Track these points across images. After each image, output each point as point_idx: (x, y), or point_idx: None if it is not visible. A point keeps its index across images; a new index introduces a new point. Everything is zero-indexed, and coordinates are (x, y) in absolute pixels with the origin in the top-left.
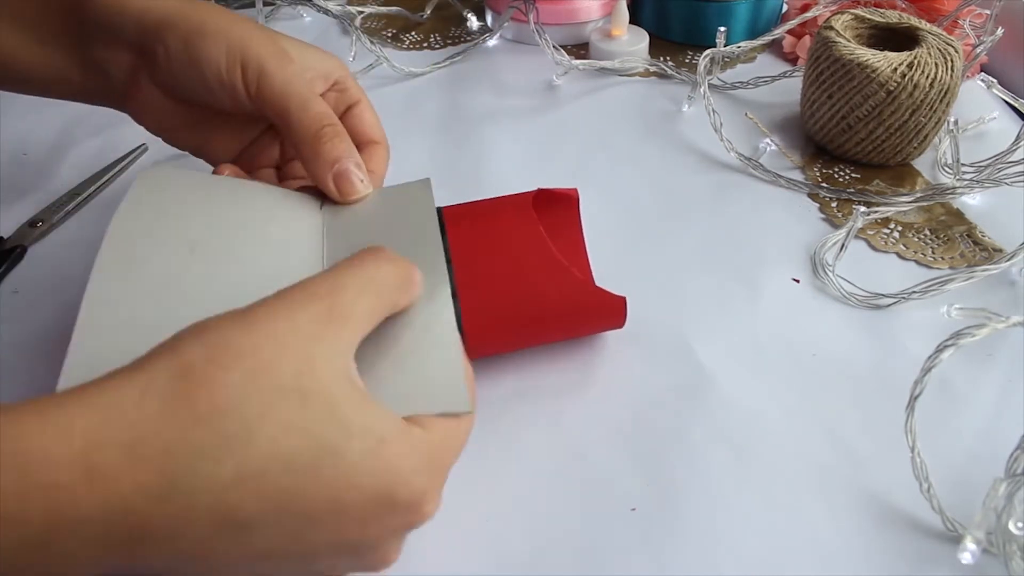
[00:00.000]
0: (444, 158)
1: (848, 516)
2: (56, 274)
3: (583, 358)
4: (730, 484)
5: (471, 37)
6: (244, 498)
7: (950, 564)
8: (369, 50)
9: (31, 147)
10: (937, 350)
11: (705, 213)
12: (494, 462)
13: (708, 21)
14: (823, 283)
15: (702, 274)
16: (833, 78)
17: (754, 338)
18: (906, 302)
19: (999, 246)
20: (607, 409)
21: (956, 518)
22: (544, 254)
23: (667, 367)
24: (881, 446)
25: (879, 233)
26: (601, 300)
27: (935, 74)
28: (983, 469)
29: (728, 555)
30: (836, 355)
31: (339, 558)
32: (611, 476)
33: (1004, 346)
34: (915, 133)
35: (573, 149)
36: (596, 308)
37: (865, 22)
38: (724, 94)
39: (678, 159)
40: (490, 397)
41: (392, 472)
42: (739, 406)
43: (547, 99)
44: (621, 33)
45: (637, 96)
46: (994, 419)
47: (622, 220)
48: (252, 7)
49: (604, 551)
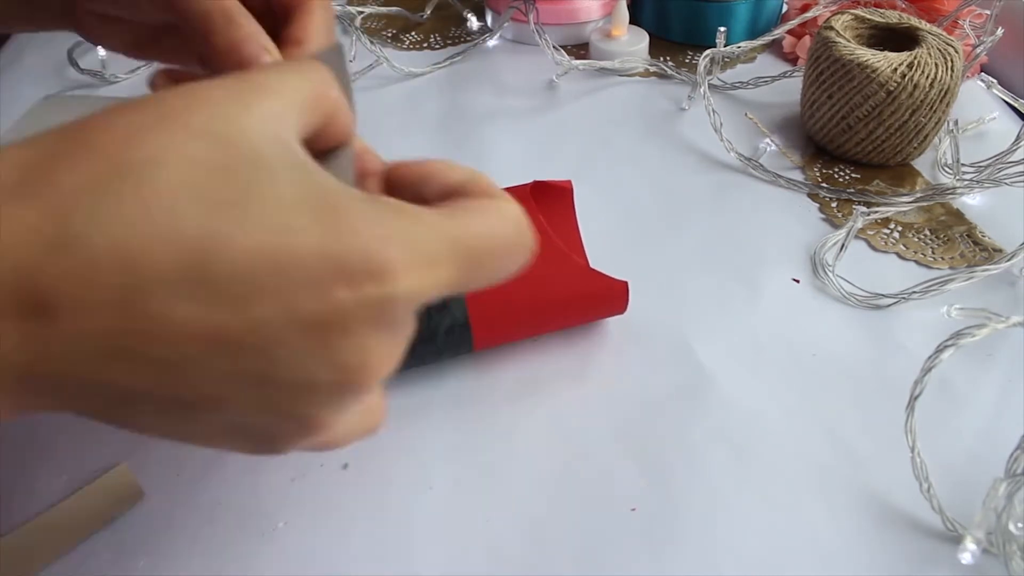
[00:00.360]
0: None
1: (848, 516)
2: None
3: (583, 358)
4: (730, 484)
5: (471, 37)
6: (152, 246)
7: (950, 564)
8: (369, 50)
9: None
10: (937, 350)
11: (705, 213)
12: (494, 462)
13: (708, 21)
14: (823, 283)
15: (702, 274)
16: (833, 78)
17: (754, 338)
18: (906, 302)
19: (999, 246)
20: (607, 409)
21: (956, 518)
22: (545, 243)
23: (667, 367)
24: (881, 446)
25: (879, 233)
26: (603, 285)
27: (935, 74)
28: (983, 469)
29: (728, 555)
30: (836, 355)
31: (262, 393)
32: (611, 476)
33: (1004, 346)
34: (915, 133)
35: (573, 149)
36: (598, 293)
37: (865, 22)
38: (724, 94)
39: (678, 159)
40: (490, 397)
41: (343, 222)
42: (739, 406)
43: (547, 99)
44: (621, 33)
45: (637, 96)
46: (994, 419)
47: (622, 220)
48: None
49: (604, 551)
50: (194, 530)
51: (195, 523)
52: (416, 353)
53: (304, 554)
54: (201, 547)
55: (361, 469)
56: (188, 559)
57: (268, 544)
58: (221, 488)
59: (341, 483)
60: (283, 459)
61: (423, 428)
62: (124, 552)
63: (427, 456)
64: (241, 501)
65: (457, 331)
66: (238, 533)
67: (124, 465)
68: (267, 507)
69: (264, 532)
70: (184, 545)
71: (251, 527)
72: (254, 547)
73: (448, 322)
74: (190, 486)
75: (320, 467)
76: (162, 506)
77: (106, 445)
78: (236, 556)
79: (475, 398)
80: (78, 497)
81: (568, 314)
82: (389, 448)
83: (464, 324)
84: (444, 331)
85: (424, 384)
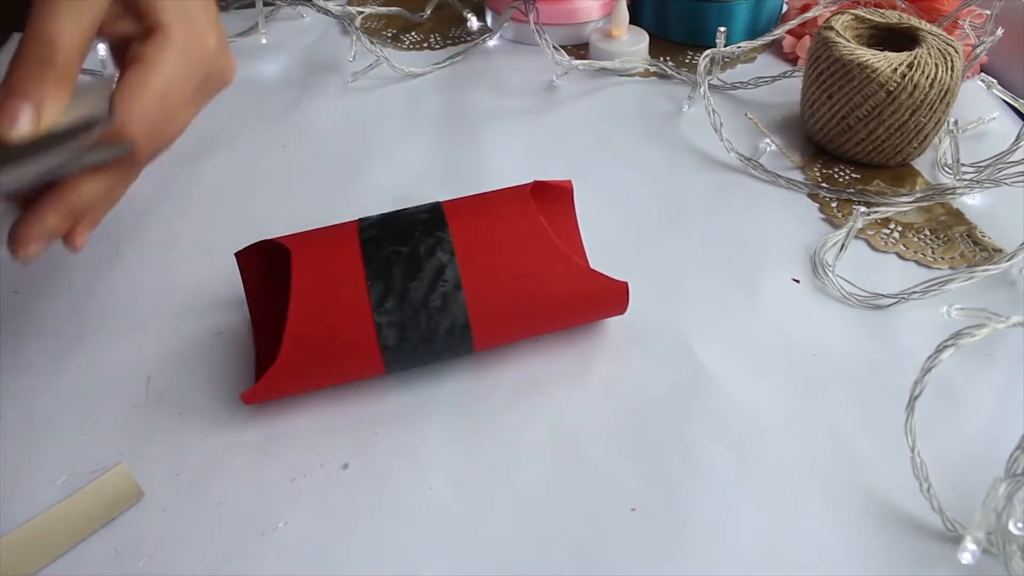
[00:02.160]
0: (444, 158)
1: (848, 516)
2: (56, 274)
3: (583, 358)
4: (730, 484)
5: (471, 37)
6: None
7: (950, 564)
8: (369, 50)
9: None
10: (937, 350)
11: (705, 213)
12: (494, 462)
13: (708, 21)
14: (823, 283)
15: (702, 274)
16: (833, 78)
17: (754, 338)
18: (906, 302)
19: (999, 246)
20: (607, 409)
21: (956, 518)
22: (545, 243)
23: (667, 367)
24: (881, 446)
25: (879, 233)
26: (604, 285)
27: (935, 74)
28: (983, 469)
29: (728, 555)
30: (836, 355)
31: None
32: (611, 476)
33: (1004, 346)
34: (915, 133)
35: (573, 149)
36: (598, 294)
37: (865, 22)
38: (724, 94)
39: (678, 159)
40: (490, 397)
41: None
42: (739, 406)
43: (547, 99)
44: (621, 33)
45: (637, 96)
46: (994, 419)
47: (622, 220)
48: (252, 7)
49: (604, 551)
50: (194, 530)
51: (195, 523)
52: (417, 353)
53: (304, 554)
54: (201, 547)
55: (361, 469)
56: (188, 559)
57: (268, 544)
58: (221, 488)
59: (341, 483)
60: (283, 459)
61: (423, 428)
62: (124, 552)
63: (427, 456)
64: (241, 501)
65: (457, 331)
66: (238, 533)
67: (124, 465)
68: (267, 507)
69: (264, 532)
70: (184, 545)
71: (251, 527)
72: (254, 547)
73: (448, 323)
74: (190, 486)
75: (320, 467)
76: (162, 506)
77: (106, 445)
78: (236, 556)
79: (475, 398)
80: (78, 497)
81: (568, 315)
82: (389, 448)
83: (464, 325)
84: (444, 332)
85: (424, 384)
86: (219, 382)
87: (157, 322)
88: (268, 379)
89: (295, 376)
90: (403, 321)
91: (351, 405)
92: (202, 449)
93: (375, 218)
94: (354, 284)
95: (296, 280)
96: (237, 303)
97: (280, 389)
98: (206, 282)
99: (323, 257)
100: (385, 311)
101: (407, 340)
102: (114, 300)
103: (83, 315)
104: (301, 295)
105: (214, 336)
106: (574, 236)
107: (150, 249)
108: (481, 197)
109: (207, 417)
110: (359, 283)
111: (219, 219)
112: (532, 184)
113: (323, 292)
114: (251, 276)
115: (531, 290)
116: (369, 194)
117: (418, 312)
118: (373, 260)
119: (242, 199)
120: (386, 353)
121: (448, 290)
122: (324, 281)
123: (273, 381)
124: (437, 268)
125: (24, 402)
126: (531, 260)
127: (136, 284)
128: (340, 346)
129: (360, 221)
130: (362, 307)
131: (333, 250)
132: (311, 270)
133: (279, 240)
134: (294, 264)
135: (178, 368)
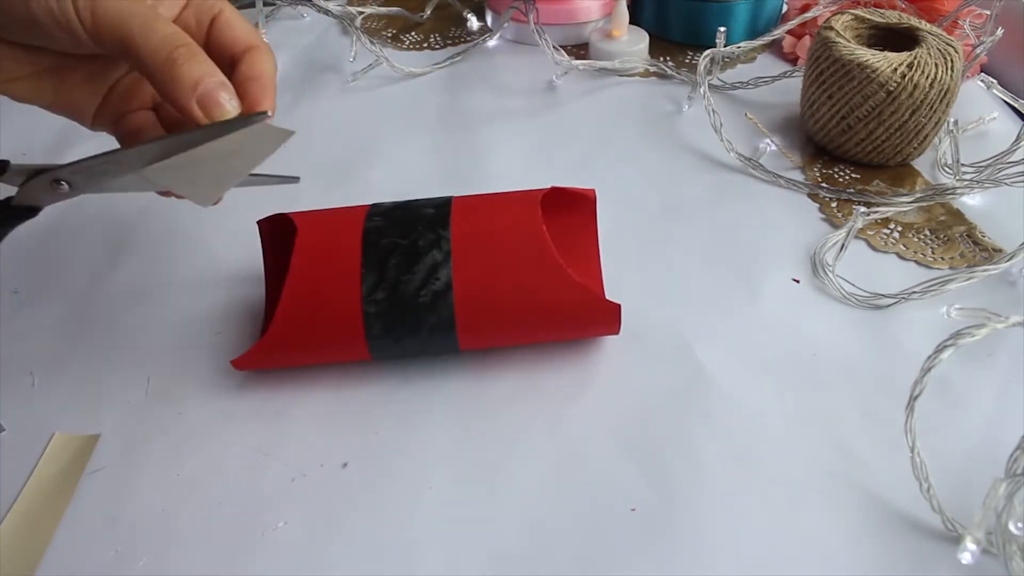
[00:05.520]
0: (444, 158)
1: (848, 516)
2: (56, 274)
3: (583, 358)
4: (730, 484)
5: (471, 37)
6: None
7: (950, 564)
8: (369, 50)
9: (31, 147)
10: (937, 350)
11: (705, 213)
12: (494, 462)
13: (708, 21)
14: (823, 283)
15: (702, 274)
16: (833, 78)
17: (754, 338)
18: (906, 302)
19: (999, 246)
20: (607, 409)
21: (956, 518)
22: (543, 252)
23: (667, 367)
24: (881, 446)
25: (879, 233)
26: (595, 306)
27: (935, 74)
28: (983, 469)
29: (728, 555)
30: (836, 355)
31: None
32: (611, 476)
33: (1004, 346)
34: (915, 133)
35: (573, 149)
36: (590, 313)
37: (865, 22)
38: (724, 94)
39: (678, 159)
40: (490, 397)
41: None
42: (739, 406)
43: (547, 99)
44: (621, 33)
45: (637, 96)
46: (994, 419)
47: (622, 220)
48: (252, 7)
49: (604, 551)
50: (194, 530)
51: (195, 523)
52: (400, 345)
53: (304, 554)
54: (201, 547)
55: (361, 469)
56: (188, 559)
57: (268, 544)
58: (221, 488)
59: (341, 483)
60: (283, 459)
61: (423, 428)
62: (124, 552)
63: (427, 456)
64: (241, 501)
65: (442, 330)
66: (238, 533)
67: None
68: (267, 507)
69: (264, 532)
70: (184, 545)
71: (251, 527)
72: (254, 547)
73: (434, 319)
74: (190, 486)
75: (320, 467)
76: (162, 506)
77: (106, 444)
78: (236, 556)
79: (475, 398)
80: (225, 141)
81: (556, 328)
82: (389, 448)
83: (450, 325)
84: (428, 328)
85: (424, 384)
86: (219, 383)
87: (157, 322)
88: (258, 349)
89: (283, 350)
90: (390, 312)
91: (351, 405)
92: (202, 449)
93: (385, 206)
94: (349, 269)
95: (296, 258)
96: (237, 304)
97: (268, 360)
98: (206, 283)
99: (326, 239)
100: (374, 300)
101: (392, 331)
102: (113, 301)
103: (83, 315)
104: (299, 272)
105: (214, 336)
106: (591, 248)
107: (150, 250)
108: (492, 197)
109: (207, 417)
110: (354, 269)
111: (218, 219)
112: (548, 190)
113: (319, 272)
114: (269, 250)
115: (519, 298)
116: (369, 194)
117: (406, 305)
118: (371, 249)
119: (242, 199)
120: (371, 340)
121: (439, 288)
122: (322, 262)
123: (262, 351)
124: (432, 265)
125: (24, 402)
126: (525, 269)
127: (136, 285)
128: (329, 327)
129: (371, 207)
130: (353, 293)
131: (337, 233)
132: (312, 250)
133: (291, 216)
134: (297, 242)
135: (178, 368)
